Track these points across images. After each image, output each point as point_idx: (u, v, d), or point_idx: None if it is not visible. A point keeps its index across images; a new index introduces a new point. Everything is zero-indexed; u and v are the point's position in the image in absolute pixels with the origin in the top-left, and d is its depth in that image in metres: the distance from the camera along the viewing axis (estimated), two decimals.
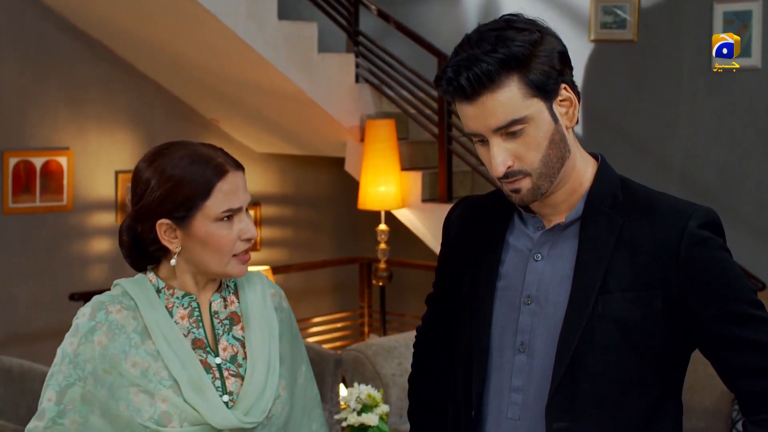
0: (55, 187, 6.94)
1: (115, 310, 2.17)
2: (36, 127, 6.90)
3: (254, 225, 2.20)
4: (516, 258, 2.08)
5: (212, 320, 2.23)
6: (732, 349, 1.98)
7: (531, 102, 1.94)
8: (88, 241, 7.16)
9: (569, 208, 2.05)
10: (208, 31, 6.40)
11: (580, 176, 2.05)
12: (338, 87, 6.93)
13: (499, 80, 1.93)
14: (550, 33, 2.00)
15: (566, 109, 2.00)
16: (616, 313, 1.98)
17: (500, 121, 1.94)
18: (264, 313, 2.28)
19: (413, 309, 7.86)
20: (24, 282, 6.88)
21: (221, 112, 7.67)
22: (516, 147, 1.96)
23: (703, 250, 1.98)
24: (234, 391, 2.18)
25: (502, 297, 2.08)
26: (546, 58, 1.95)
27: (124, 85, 7.30)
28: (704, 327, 1.99)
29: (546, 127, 1.96)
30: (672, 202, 2.05)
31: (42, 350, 6.45)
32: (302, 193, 8.29)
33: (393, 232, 7.03)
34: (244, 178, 2.20)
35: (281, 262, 7.88)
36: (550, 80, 1.95)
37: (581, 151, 2.08)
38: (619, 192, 2.04)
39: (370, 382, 5.27)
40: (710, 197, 6.71)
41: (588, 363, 1.98)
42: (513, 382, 2.05)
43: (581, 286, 1.99)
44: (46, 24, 6.90)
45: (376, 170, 6.71)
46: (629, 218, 2.01)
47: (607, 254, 1.99)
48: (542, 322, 2.03)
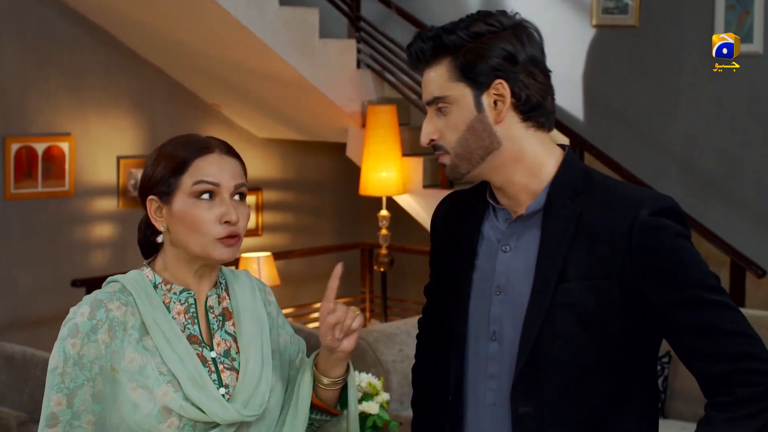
0: (56, 173, 6.94)
1: (115, 307, 2.15)
2: (37, 112, 6.90)
3: (247, 215, 2.19)
4: (488, 249, 2.17)
5: (207, 315, 2.23)
6: (689, 334, 2.02)
7: (456, 85, 2.08)
8: (90, 227, 7.16)
9: (531, 198, 2.12)
10: (209, 17, 6.39)
11: (535, 169, 2.11)
12: (339, 72, 6.93)
13: (434, 59, 2.10)
14: (516, 34, 2.08)
15: (496, 104, 2.08)
16: (574, 302, 2.04)
17: (427, 95, 2.12)
18: (254, 308, 2.28)
19: (414, 294, 7.87)
20: (26, 268, 6.89)
21: (223, 98, 7.67)
22: (441, 124, 2.11)
23: (654, 238, 2.02)
24: (230, 384, 2.18)
25: (477, 288, 2.17)
26: (482, 51, 2.06)
27: (126, 70, 7.30)
28: (660, 313, 2.03)
29: (467, 112, 2.08)
30: (629, 191, 2.10)
31: (43, 336, 6.46)
32: (303, 178, 8.29)
33: (394, 218, 7.03)
34: (238, 167, 2.20)
35: (282, 247, 7.89)
36: (480, 71, 2.06)
37: (544, 145, 2.13)
38: (580, 183, 2.10)
39: (371, 369, 5.28)
40: (710, 183, 6.71)
41: (549, 350, 2.06)
42: (488, 369, 2.14)
43: (542, 276, 2.06)
44: (47, 9, 6.90)
45: (378, 156, 6.71)
46: (588, 208, 2.07)
47: (565, 244, 2.05)
48: (510, 311, 2.11)
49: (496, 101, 2.07)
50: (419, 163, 6.80)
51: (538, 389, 2.07)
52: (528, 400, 2.07)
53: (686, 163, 6.88)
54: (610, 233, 2.03)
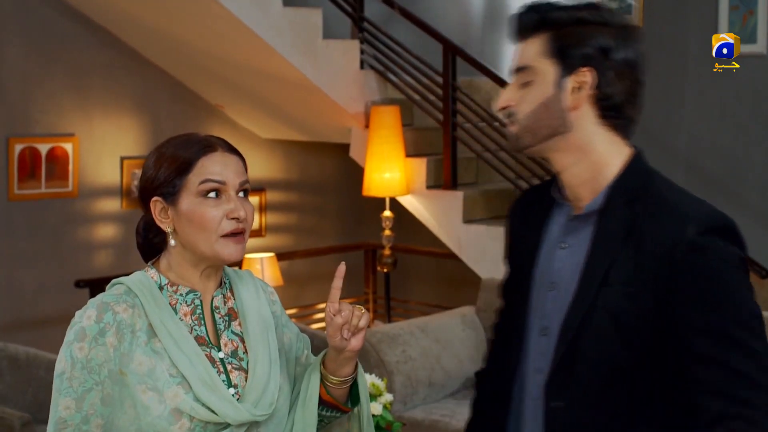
0: (60, 174, 6.95)
1: (122, 309, 2.15)
2: (41, 113, 6.90)
3: (252, 211, 2.21)
4: (549, 245, 2.20)
5: (213, 316, 2.24)
6: (701, 365, 1.99)
7: (545, 61, 2.12)
8: (94, 228, 7.17)
9: (591, 196, 2.14)
10: (212, 17, 6.40)
11: (600, 167, 2.13)
12: (343, 73, 6.93)
13: (535, 31, 2.14)
14: (618, 33, 2.12)
15: (576, 89, 2.11)
16: (612, 306, 2.05)
17: (516, 63, 2.18)
18: (258, 308, 2.29)
19: (418, 295, 7.87)
20: (30, 268, 6.89)
21: (226, 98, 7.67)
22: (521, 94, 2.15)
23: (697, 259, 2.00)
24: (239, 384, 2.19)
25: (536, 283, 2.20)
26: (580, 36, 2.11)
27: (129, 71, 7.31)
28: (681, 334, 2.01)
29: (545, 89, 2.12)
30: (683, 203, 2.08)
31: (48, 336, 6.47)
32: (307, 179, 8.29)
33: (398, 219, 7.03)
34: (241, 164, 2.21)
35: (286, 248, 7.89)
36: (572, 54, 2.10)
37: (614, 146, 2.15)
38: (640, 188, 2.10)
39: (375, 370, 5.28)
40: (715, 184, 6.70)
41: (584, 349, 2.07)
42: (536, 364, 2.17)
43: (587, 276, 2.08)
44: (50, 10, 6.90)
45: (381, 156, 6.71)
46: (641, 215, 2.06)
47: (614, 248, 2.06)
48: (559, 308, 2.13)
49: (577, 87, 2.11)
50: (423, 164, 6.80)
51: (570, 386, 2.09)
52: (561, 396, 2.10)
53: (690, 164, 6.88)
54: (655, 244, 2.02)
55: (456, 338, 5.80)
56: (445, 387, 5.66)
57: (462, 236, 6.60)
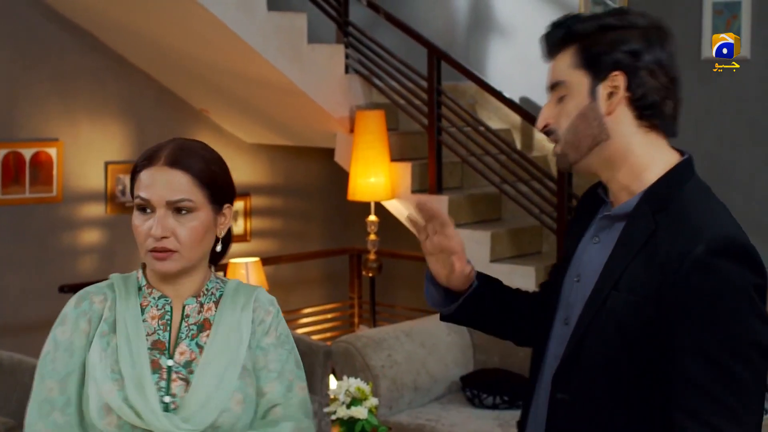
0: (44, 179, 6.93)
1: (98, 300, 2.23)
2: (25, 118, 6.89)
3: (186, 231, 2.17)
4: (586, 239, 2.24)
5: (181, 324, 2.24)
6: (684, 384, 1.98)
7: (576, 72, 2.14)
8: (78, 233, 7.15)
9: (628, 198, 2.15)
10: (197, 22, 6.39)
11: (639, 170, 2.14)
12: (328, 78, 6.92)
13: (563, 46, 2.16)
14: (645, 34, 2.14)
15: (610, 95, 2.12)
16: (618, 311, 2.06)
17: (549, 80, 2.18)
18: (236, 323, 2.25)
19: (403, 300, 7.87)
20: (13, 274, 6.87)
21: (211, 103, 7.66)
22: (558, 110, 2.16)
23: (700, 277, 1.98)
24: (177, 394, 2.17)
25: (569, 273, 2.25)
26: (608, 44, 2.12)
27: (114, 75, 7.29)
28: (673, 348, 2.00)
29: (580, 100, 2.13)
30: (701, 218, 2.07)
31: (31, 342, 6.43)
32: (292, 184, 8.28)
33: (383, 223, 7.03)
34: (182, 179, 2.18)
35: (271, 253, 7.88)
36: (601, 61, 2.11)
37: (654, 147, 2.16)
38: (669, 198, 2.10)
39: (360, 374, 5.28)
40: None
41: (590, 346, 2.10)
42: (555, 350, 2.20)
43: (603, 277, 2.11)
44: (35, 14, 6.88)
45: (366, 161, 6.71)
46: (662, 226, 2.07)
47: (631, 255, 2.07)
48: (580, 300, 2.16)
49: (610, 93, 2.12)
50: (408, 168, 6.80)
51: (576, 380, 2.12)
52: (566, 388, 2.13)
53: None
54: (667, 257, 2.01)
55: (441, 342, 5.80)
56: (431, 391, 5.66)
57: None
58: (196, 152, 2.22)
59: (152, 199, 2.17)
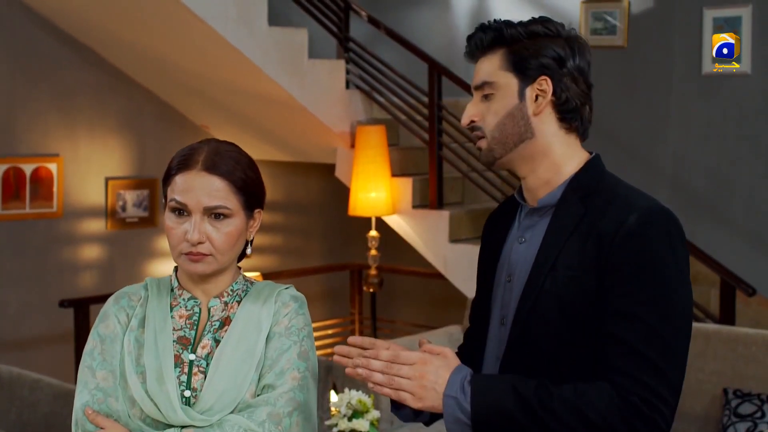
0: (44, 194, 6.92)
1: (135, 298, 2.31)
2: (25, 133, 6.89)
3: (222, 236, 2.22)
4: (510, 243, 2.35)
5: (207, 322, 2.28)
6: (614, 344, 2.10)
7: (505, 74, 2.27)
8: (78, 248, 7.14)
9: (548, 192, 2.29)
10: (198, 37, 6.39)
11: (558, 166, 2.29)
12: (328, 93, 6.93)
13: (490, 49, 2.30)
14: (569, 43, 2.29)
15: (537, 98, 2.26)
16: (557, 288, 2.18)
17: (477, 79, 2.31)
18: (255, 317, 2.28)
19: (404, 315, 7.86)
20: (14, 289, 6.86)
21: (211, 118, 7.67)
22: (484, 108, 2.30)
23: (633, 245, 2.12)
24: (198, 388, 2.21)
25: (498, 277, 2.35)
26: (535, 49, 2.26)
27: (114, 91, 7.30)
28: (606, 312, 2.12)
29: (509, 101, 2.27)
30: (631, 197, 2.23)
31: (31, 357, 6.44)
32: (293, 199, 8.28)
33: (383, 239, 7.02)
34: (219, 184, 2.22)
35: (272, 268, 7.87)
36: (530, 66, 2.25)
37: (571, 147, 2.32)
38: (594, 185, 2.26)
39: (361, 387, 5.27)
40: (700, 202, 6.71)
41: (532, 331, 2.20)
42: (495, 352, 2.30)
43: (538, 264, 2.23)
44: (35, 30, 6.89)
45: (367, 176, 6.71)
46: (592, 208, 2.21)
47: (563, 238, 2.21)
48: (514, 297, 2.27)
49: (537, 95, 2.26)
50: (408, 184, 6.80)
51: (520, 363, 2.20)
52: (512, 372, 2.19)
53: (676, 183, 6.89)
54: (601, 233, 2.16)
55: None
56: None
57: (448, 256, 6.60)
58: (232, 157, 2.27)
59: (189, 204, 2.20)
